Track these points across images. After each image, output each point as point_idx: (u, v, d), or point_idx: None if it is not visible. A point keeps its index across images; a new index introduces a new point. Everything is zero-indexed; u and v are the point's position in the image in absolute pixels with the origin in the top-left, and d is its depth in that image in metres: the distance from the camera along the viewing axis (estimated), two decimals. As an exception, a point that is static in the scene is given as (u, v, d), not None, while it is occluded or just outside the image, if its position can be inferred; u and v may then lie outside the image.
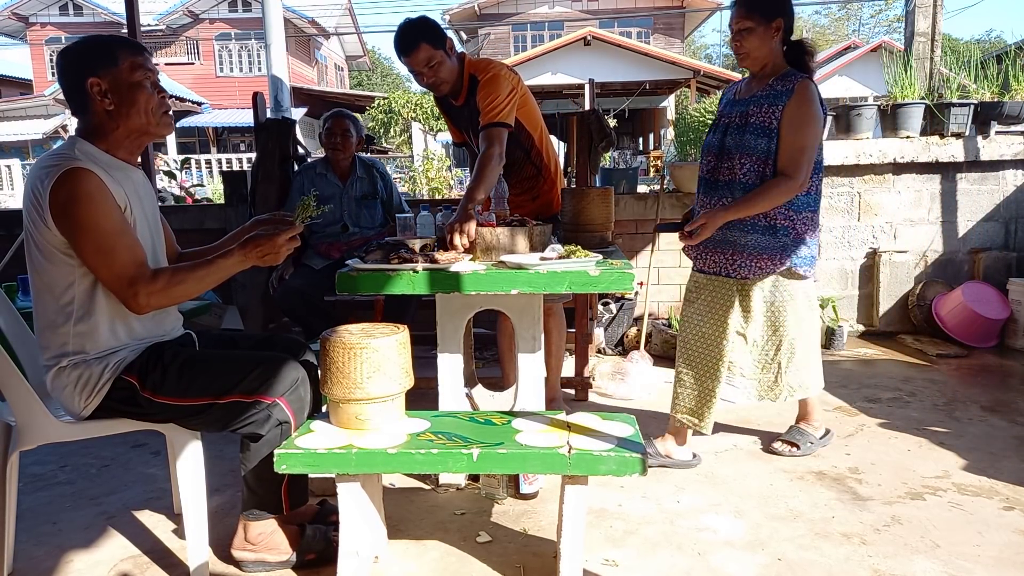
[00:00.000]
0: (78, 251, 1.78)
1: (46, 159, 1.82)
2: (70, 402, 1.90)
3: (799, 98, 2.47)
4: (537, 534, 2.26)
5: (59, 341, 1.85)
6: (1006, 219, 4.70)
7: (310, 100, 22.33)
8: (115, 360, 1.88)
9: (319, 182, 3.72)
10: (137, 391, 1.88)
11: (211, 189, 11.84)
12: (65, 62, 1.85)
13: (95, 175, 1.76)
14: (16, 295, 3.62)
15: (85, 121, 1.88)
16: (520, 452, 1.82)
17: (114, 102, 1.83)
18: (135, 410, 1.92)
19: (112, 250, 1.77)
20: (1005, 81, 4.64)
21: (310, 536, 2.08)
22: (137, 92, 1.85)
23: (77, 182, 1.74)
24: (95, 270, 1.80)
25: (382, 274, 2.15)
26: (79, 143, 1.86)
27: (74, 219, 1.74)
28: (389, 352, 1.89)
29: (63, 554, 2.21)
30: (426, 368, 2.62)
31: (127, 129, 1.87)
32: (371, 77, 43.30)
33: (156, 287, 1.80)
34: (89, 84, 1.81)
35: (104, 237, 1.76)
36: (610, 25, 21.84)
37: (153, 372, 1.88)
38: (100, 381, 1.86)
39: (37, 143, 21.68)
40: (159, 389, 1.88)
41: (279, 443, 1.89)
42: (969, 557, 2.10)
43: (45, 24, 25.35)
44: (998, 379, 3.85)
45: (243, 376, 1.91)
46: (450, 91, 2.94)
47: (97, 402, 1.89)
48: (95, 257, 1.77)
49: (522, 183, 3.13)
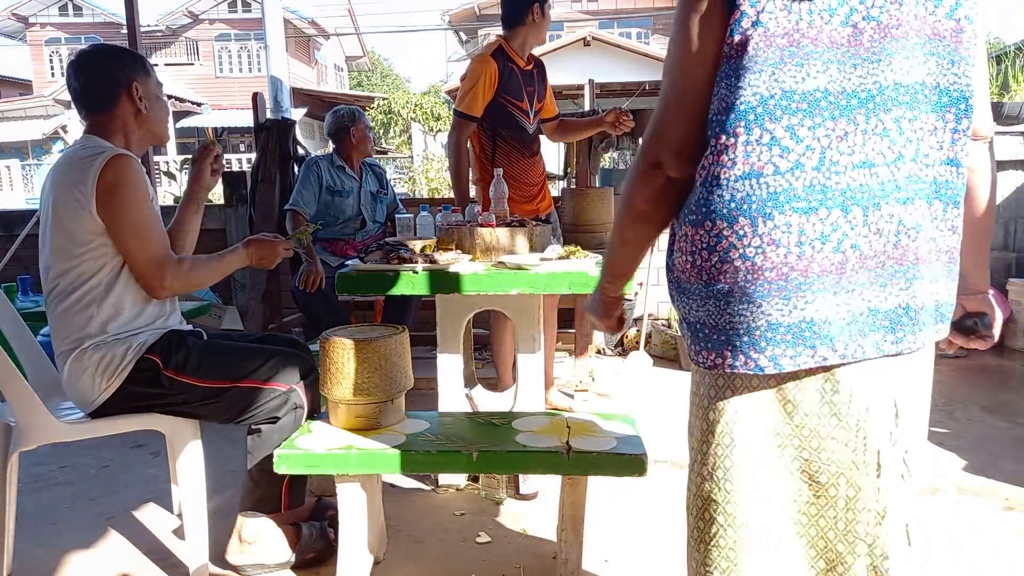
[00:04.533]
0: (116, 234, 1.85)
1: (79, 152, 1.89)
2: (88, 387, 1.90)
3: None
4: (537, 534, 2.26)
5: (80, 324, 1.88)
6: (1006, 219, 4.71)
7: (310, 101, 22.32)
8: (137, 341, 1.92)
9: (339, 175, 3.71)
10: (160, 370, 1.91)
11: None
12: (102, 61, 1.96)
13: (136, 161, 1.89)
14: (16, 295, 3.63)
15: (105, 120, 1.95)
16: (520, 452, 1.82)
17: (146, 107, 1.98)
18: (154, 392, 1.93)
19: (149, 234, 1.87)
20: (1005, 81, 4.64)
21: (308, 536, 2.08)
22: (162, 103, 2.06)
23: (124, 167, 1.84)
24: (129, 253, 1.87)
25: (382, 274, 2.15)
26: (96, 139, 1.93)
27: (119, 202, 1.83)
28: (389, 352, 1.89)
29: (63, 554, 2.21)
30: (426, 368, 2.62)
31: (146, 132, 2.01)
32: (371, 78, 43.31)
33: (181, 271, 1.92)
34: (133, 86, 1.95)
35: (143, 221, 1.86)
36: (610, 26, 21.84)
37: (177, 352, 1.94)
38: (124, 361, 1.89)
39: (37, 143, 21.67)
40: (183, 368, 1.92)
41: (293, 430, 1.94)
42: (969, 557, 2.09)
43: (45, 24, 25.34)
44: (998, 379, 3.85)
45: (262, 363, 1.97)
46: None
47: (118, 384, 1.90)
48: (132, 240, 1.86)
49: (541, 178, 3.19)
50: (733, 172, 1.00)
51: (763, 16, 0.97)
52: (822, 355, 1.02)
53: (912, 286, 1.04)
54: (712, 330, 1.07)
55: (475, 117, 2.99)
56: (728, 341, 1.05)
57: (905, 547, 1.10)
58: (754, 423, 1.08)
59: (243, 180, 4.55)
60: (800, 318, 1.01)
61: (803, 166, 0.99)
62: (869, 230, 1.00)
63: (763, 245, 1.00)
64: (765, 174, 0.99)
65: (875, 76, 0.98)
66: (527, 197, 3.15)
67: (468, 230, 2.36)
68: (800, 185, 0.99)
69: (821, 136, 0.98)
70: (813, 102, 0.98)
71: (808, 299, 1.01)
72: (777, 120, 0.98)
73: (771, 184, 0.99)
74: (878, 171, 1.00)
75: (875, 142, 0.99)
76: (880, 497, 1.07)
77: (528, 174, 3.16)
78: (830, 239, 1.00)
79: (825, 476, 1.07)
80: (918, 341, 1.06)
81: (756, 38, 0.97)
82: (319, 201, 3.56)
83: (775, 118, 0.98)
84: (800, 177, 0.99)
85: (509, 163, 3.07)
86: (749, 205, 1.00)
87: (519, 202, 3.10)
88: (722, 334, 1.05)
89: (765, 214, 1.00)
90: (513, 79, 3.05)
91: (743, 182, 1.00)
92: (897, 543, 1.09)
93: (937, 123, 1.02)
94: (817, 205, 0.99)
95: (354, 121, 3.68)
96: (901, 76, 0.99)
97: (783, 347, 1.02)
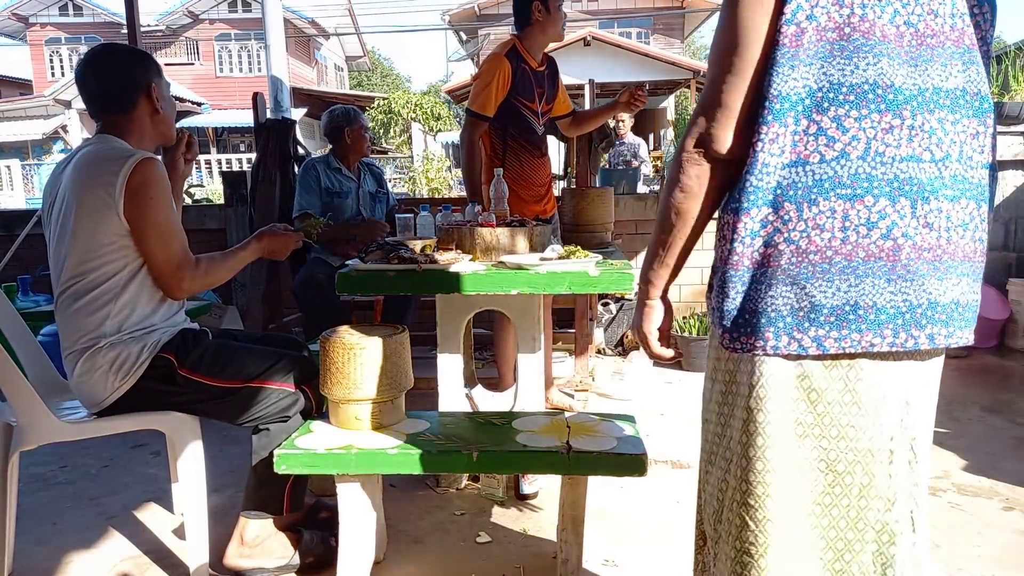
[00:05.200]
0: (140, 236, 1.86)
1: (103, 152, 1.88)
2: (100, 385, 1.90)
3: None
4: (537, 534, 2.26)
5: (96, 323, 1.88)
6: (1006, 219, 4.71)
7: (310, 100, 22.31)
8: (152, 340, 1.93)
9: (336, 177, 3.71)
10: (175, 368, 1.92)
11: (210, 189, 11.85)
12: (122, 63, 1.98)
13: (161, 165, 1.90)
14: (16, 295, 3.63)
15: (123, 121, 1.95)
16: (520, 452, 1.82)
17: (161, 107, 2.00)
18: (167, 389, 1.94)
19: (171, 236, 1.90)
20: (1005, 81, 4.65)
21: (308, 539, 2.07)
22: (172, 103, 2.08)
23: (152, 170, 1.85)
24: (151, 254, 1.89)
25: (382, 274, 2.15)
26: (113, 139, 1.93)
27: (146, 205, 1.84)
28: (389, 352, 1.89)
29: (63, 554, 2.21)
30: (426, 368, 2.62)
31: (158, 132, 2.03)
32: (371, 77, 43.31)
33: (198, 272, 1.94)
34: (152, 88, 1.96)
35: (167, 224, 1.89)
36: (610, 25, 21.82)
37: (193, 351, 1.95)
38: (139, 360, 1.90)
39: (37, 143, 21.66)
40: (197, 367, 1.94)
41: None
42: (969, 557, 2.10)
43: (45, 24, 25.32)
44: (998, 379, 3.85)
45: (272, 364, 1.99)
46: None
47: (132, 382, 1.91)
48: (155, 242, 1.88)
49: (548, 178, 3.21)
50: (781, 160, 1.03)
51: (816, 10, 1.00)
52: (869, 340, 1.05)
53: (961, 283, 1.07)
54: (753, 314, 1.08)
55: (487, 117, 2.98)
56: (771, 323, 1.06)
57: (910, 533, 1.12)
58: (782, 415, 1.09)
59: (243, 180, 4.55)
60: (844, 300, 1.04)
61: (848, 155, 1.02)
62: (919, 222, 1.03)
63: (808, 229, 1.03)
64: (811, 162, 1.03)
65: (915, 79, 1.02)
66: (536, 197, 3.13)
67: (468, 230, 2.36)
68: (845, 173, 1.02)
69: (867, 127, 1.01)
70: (861, 94, 1.01)
71: (852, 283, 1.03)
72: (824, 111, 1.02)
73: (816, 171, 1.03)
74: (925, 167, 1.03)
75: (922, 138, 1.02)
76: (891, 484, 1.10)
77: (538, 174, 3.15)
78: (877, 226, 1.02)
79: (843, 464, 1.09)
80: (964, 337, 1.09)
81: (810, 32, 1.01)
82: (321, 203, 3.58)
83: (822, 109, 1.02)
84: (845, 165, 1.02)
85: (519, 163, 3.07)
86: (796, 191, 1.03)
87: (528, 202, 3.10)
88: (763, 316, 1.07)
89: (811, 200, 1.03)
90: (525, 80, 3.04)
91: (789, 170, 1.04)
92: (904, 529, 1.11)
93: (979, 128, 1.06)
94: (863, 193, 1.02)
95: (349, 121, 3.67)
96: (939, 81, 1.03)
97: (827, 328, 1.05)
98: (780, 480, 1.10)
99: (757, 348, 1.08)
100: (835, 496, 1.10)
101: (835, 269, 1.03)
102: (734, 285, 1.09)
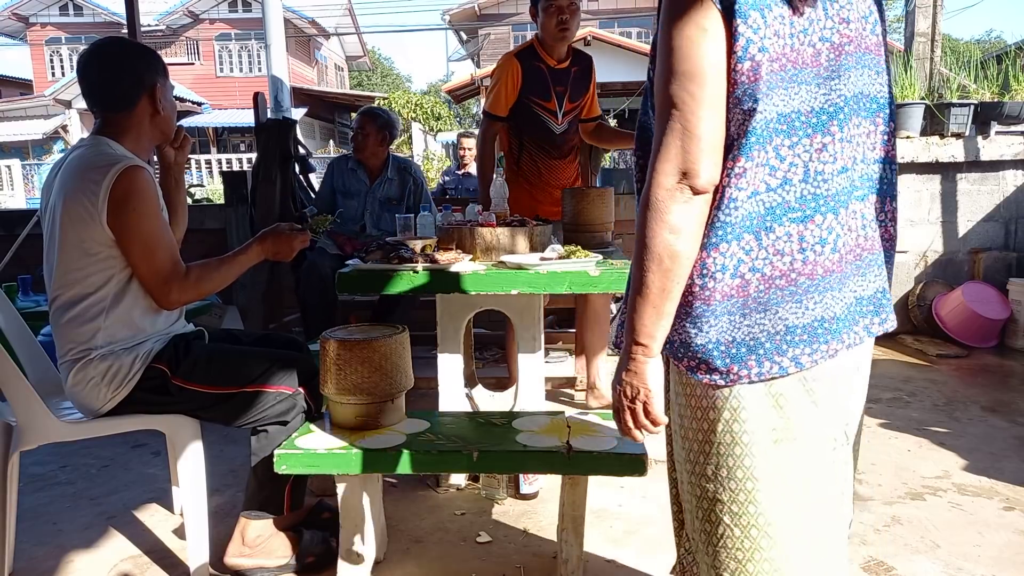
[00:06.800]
0: (125, 247, 1.83)
1: (90, 158, 1.83)
2: (93, 396, 1.89)
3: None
4: (537, 534, 2.26)
5: (87, 334, 1.87)
6: (1006, 219, 4.70)
7: (310, 100, 22.33)
8: (144, 350, 1.91)
9: (348, 177, 3.70)
10: (168, 378, 1.91)
11: (210, 189, 11.85)
12: (128, 59, 1.91)
13: (149, 173, 1.85)
14: (16, 295, 3.63)
15: (121, 119, 1.91)
16: (520, 452, 1.82)
17: (163, 108, 1.96)
18: (162, 399, 1.93)
19: (157, 248, 1.85)
20: (1005, 81, 4.64)
21: (308, 539, 2.07)
22: (173, 103, 2.03)
23: (136, 180, 1.80)
24: (137, 266, 1.86)
25: (382, 274, 2.15)
26: (108, 142, 1.88)
27: (130, 216, 1.80)
28: (389, 352, 1.89)
29: (63, 554, 2.21)
30: (426, 368, 2.62)
31: (158, 132, 1.99)
32: (371, 77, 43.30)
33: (188, 283, 1.89)
34: (156, 88, 1.92)
35: (152, 235, 1.84)
36: (610, 25, 21.82)
37: (185, 360, 1.93)
38: (131, 371, 1.88)
39: (37, 143, 21.67)
40: (190, 376, 1.92)
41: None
42: (969, 557, 2.10)
43: (45, 24, 25.33)
44: (998, 379, 3.85)
45: (267, 367, 1.97)
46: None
47: (125, 393, 1.89)
48: (140, 254, 1.84)
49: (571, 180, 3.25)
50: (742, 194, 1.05)
51: (767, 42, 1.00)
52: (834, 348, 1.10)
53: (882, 272, 1.16)
54: (730, 344, 1.08)
55: (499, 116, 2.99)
56: (751, 351, 1.07)
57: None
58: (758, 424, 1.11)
59: (243, 180, 4.55)
60: (813, 318, 1.08)
61: (791, 180, 1.05)
62: (843, 228, 1.09)
63: (769, 256, 1.06)
64: (760, 191, 1.05)
65: (839, 90, 1.06)
66: (553, 200, 3.06)
67: (468, 230, 2.36)
68: (792, 197, 1.06)
69: (800, 152, 1.05)
70: (789, 123, 1.04)
71: (817, 299, 1.08)
72: (768, 142, 1.04)
73: (766, 200, 1.06)
74: (851, 174, 1.10)
75: (848, 149, 1.09)
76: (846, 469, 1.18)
77: (555, 176, 3.12)
78: (827, 241, 1.08)
79: (813, 463, 1.14)
80: (890, 319, 1.17)
81: (765, 64, 1.01)
82: (329, 201, 3.64)
83: (768, 140, 1.04)
84: (791, 191, 1.06)
85: (535, 164, 3.07)
86: (751, 221, 1.05)
87: (545, 203, 3.09)
88: (742, 346, 1.08)
89: (767, 228, 1.06)
90: (539, 79, 3.02)
91: (748, 202, 1.05)
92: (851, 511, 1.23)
93: (870, 127, 1.12)
94: (812, 213, 1.07)
95: (360, 125, 3.69)
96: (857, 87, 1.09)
97: (801, 347, 1.08)
98: (762, 486, 1.12)
99: (742, 378, 1.08)
100: (811, 495, 1.13)
101: (801, 290, 1.07)
102: (707, 319, 1.08)
